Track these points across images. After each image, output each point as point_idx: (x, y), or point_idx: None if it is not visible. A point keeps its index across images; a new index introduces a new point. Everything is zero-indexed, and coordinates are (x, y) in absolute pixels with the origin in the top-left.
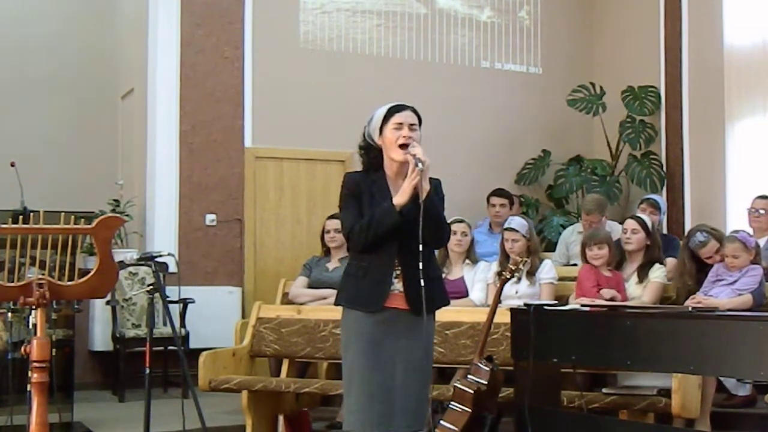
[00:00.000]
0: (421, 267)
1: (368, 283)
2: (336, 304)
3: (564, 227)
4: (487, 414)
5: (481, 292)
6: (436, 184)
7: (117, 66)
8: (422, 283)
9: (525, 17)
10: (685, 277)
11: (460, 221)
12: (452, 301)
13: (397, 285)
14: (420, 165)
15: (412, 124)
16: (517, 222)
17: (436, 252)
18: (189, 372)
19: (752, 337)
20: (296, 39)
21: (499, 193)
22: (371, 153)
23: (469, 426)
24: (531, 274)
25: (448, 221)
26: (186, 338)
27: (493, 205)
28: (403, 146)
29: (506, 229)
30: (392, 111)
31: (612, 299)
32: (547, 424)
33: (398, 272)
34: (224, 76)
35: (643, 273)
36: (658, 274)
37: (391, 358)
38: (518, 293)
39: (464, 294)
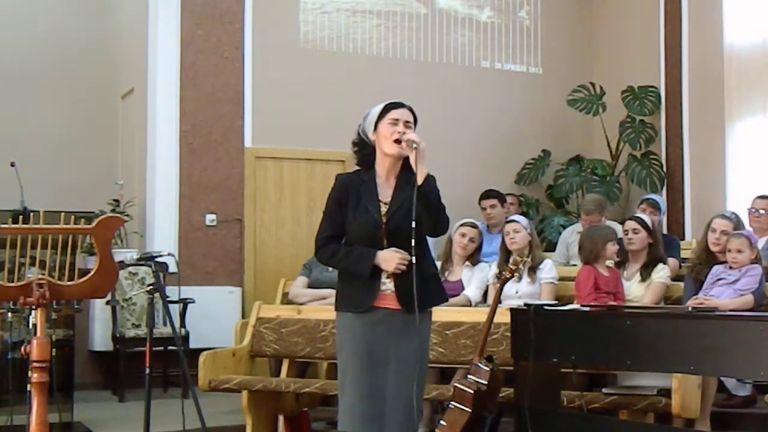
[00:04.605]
0: (414, 263)
1: (358, 283)
2: (336, 309)
3: (564, 227)
4: (487, 414)
5: (477, 290)
6: (429, 179)
7: (117, 66)
8: (414, 278)
9: (525, 17)
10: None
11: (474, 226)
12: (450, 299)
13: (389, 285)
14: (414, 145)
15: (407, 122)
16: (518, 216)
17: (435, 253)
18: (189, 372)
19: (752, 337)
20: (296, 39)
21: (486, 195)
22: (365, 149)
23: (469, 426)
24: (533, 270)
25: (462, 222)
26: (186, 338)
27: (484, 208)
28: (398, 141)
29: (508, 222)
30: (389, 107)
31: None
32: (547, 424)
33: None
34: (224, 76)
35: (645, 273)
36: (661, 274)
37: (383, 358)
38: (518, 292)
39: None
